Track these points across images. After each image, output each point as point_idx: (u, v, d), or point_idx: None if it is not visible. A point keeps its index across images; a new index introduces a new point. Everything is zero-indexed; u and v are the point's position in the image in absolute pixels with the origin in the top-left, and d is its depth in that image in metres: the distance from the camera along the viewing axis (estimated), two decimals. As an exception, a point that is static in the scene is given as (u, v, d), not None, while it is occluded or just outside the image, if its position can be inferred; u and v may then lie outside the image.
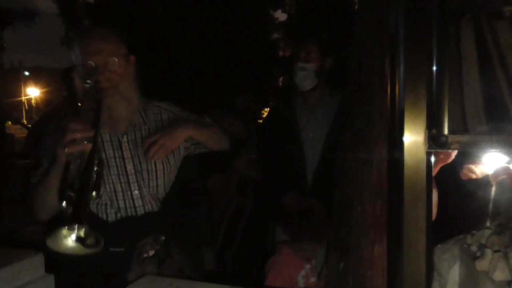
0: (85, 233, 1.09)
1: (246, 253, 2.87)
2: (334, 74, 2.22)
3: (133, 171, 1.50)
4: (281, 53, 12.48)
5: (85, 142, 1.22)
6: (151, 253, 1.47)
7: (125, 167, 1.50)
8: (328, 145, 2.14)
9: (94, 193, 1.20)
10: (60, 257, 1.10)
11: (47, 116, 3.34)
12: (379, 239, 1.17)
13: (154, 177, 1.53)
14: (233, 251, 2.91)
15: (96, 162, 1.24)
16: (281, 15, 12.48)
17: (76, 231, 1.08)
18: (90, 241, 1.09)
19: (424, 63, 0.74)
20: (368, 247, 1.18)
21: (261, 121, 3.26)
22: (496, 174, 1.63)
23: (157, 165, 1.54)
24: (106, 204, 1.48)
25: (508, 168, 1.51)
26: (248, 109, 3.21)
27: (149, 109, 1.60)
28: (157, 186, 1.54)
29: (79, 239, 1.08)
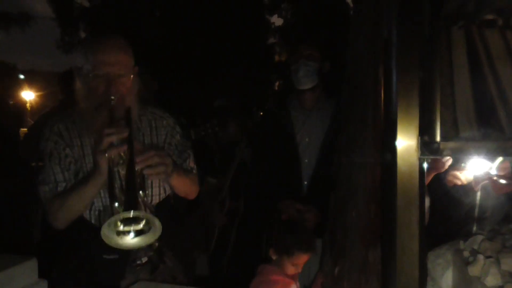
0: (143, 219, 1.09)
1: (240, 257, 2.86)
2: (329, 79, 2.22)
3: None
4: (277, 57, 12.49)
5: (118, 145, 1.24)
6: (144, 260, 1.47)
7: (119, 173, 1.47)
8: (324, 150, 2.14)
9: (141, 192, 1.20)
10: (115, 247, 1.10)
11: (44, 119, 3.32)
12: (374, 243, 1.17)
13: (149, 185, 1.53)
14: (227, 255, 2.91)
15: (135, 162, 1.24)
16: (277, 20, 12.50)
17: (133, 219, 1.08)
18: (147, 228, 1.10)
19: (416, 70, 0.75)
20: (363, 252, 1.18)
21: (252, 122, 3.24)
22: (478, 180, 1.65)
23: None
24: (99, 210, 1.47)
25: (489, 174, 1.52)
26: (228, 110, 3.19)
27: (144, 114, 1.59)
28: (151, 195, 1.54)
29: (136, 230, 1.10)
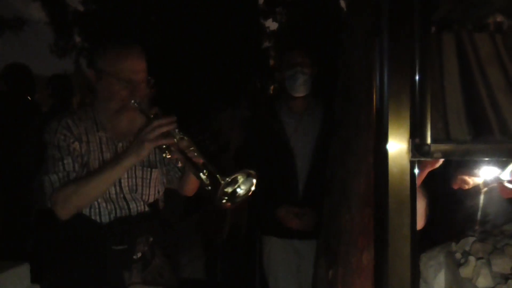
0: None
1: (234, 262, 2.86)
2: (318, 83, 2.23)
3: (126, 176, 1.56)
4: (271, 62, 12.54)
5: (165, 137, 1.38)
6: (139, 254, 1.52)
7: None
8: (317, 154, 2.15)
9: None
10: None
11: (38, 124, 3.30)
12: (368, 247, 1.18)
13: (147, 184, 1.60)
14: (222, 260, 2.91)
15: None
16: (272, 24, 12.57)
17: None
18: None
19: (407, 73, 0.76)
20: (357, 255, 1.19)
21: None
22: (486, 183, 1.68)
23: (152, 175, 1.61)
24: (99, 206, 1.53)
25: (498, 178, 1.55)
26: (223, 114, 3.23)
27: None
28: (148, 194, 1.61)
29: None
